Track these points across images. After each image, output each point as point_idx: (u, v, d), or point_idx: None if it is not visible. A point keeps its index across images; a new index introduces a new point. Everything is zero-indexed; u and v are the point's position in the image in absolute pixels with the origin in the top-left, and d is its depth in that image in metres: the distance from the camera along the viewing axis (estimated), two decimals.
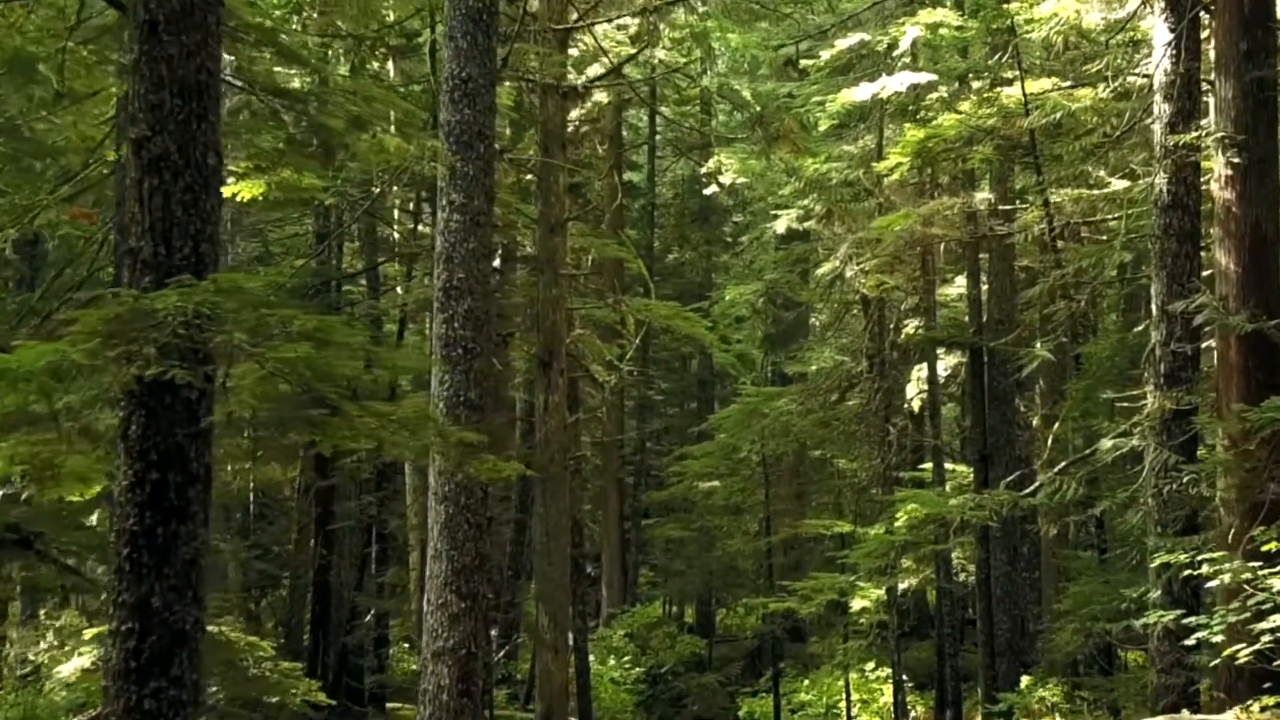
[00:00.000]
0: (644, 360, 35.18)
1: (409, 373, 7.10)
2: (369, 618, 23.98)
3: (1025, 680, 27.94)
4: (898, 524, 12.11)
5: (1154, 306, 12.23)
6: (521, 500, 27.98)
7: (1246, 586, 8.56)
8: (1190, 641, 8.91)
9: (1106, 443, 10.83)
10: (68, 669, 16.63)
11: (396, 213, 25.36)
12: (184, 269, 6.74)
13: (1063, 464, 11.30)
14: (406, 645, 28.87)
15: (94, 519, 11.36)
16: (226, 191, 9.44)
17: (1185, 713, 7.06)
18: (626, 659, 31.79)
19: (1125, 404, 12.63)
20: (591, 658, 32.05)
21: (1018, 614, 23.67)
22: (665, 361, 40.04)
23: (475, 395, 12.70)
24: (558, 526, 18.70)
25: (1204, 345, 12.46)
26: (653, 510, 34.48)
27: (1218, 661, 9.28)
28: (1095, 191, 15.05)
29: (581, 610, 21.43)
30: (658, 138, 36.23)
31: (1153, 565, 10.22)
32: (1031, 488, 11.32)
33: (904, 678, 24.58)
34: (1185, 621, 9.04)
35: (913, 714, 30.11)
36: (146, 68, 6.98)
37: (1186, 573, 8.69)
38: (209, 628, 7.13)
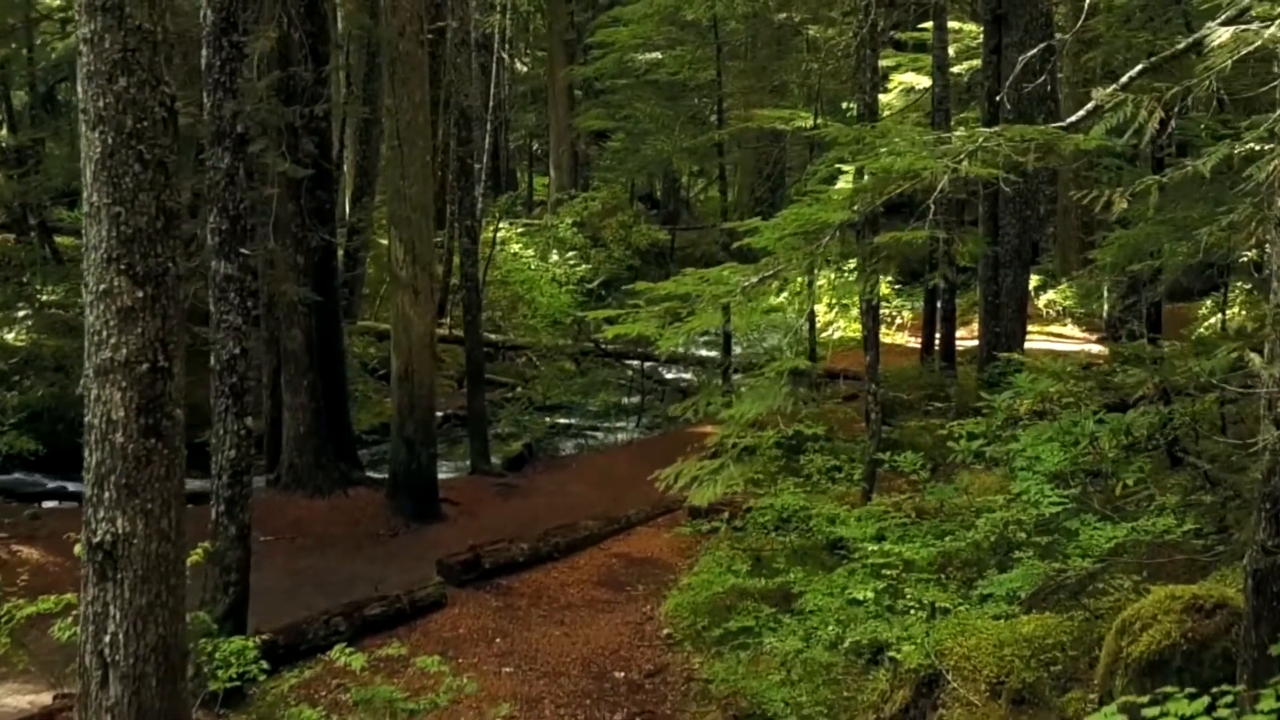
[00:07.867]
0: None
1: None
2: None
3: (1034, 280, 23.90)
4: (875, 165, 7.01)
5: None
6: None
7: None
8: None
9: (1221, 32, 5.70)
10: None
11: None
12: None
13: (1136, 70, 6.11)
14: None
15: None
16: None
17: None
18: (572, 255, 27.48)
19: None
20: (531, 252, 27.75)
21: (1029, 214, 19.53)
22: None
23: None
24: (413, 125, 13.63)
25: None
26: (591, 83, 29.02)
27: None
28: None
29: (469, 225, 16.63)
30: None
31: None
32: (1078, 115, 6.10)
33: (881, 295, 20.16)
34: None
35: (898, 321, 26.26)
36: None
37: None
38: None
